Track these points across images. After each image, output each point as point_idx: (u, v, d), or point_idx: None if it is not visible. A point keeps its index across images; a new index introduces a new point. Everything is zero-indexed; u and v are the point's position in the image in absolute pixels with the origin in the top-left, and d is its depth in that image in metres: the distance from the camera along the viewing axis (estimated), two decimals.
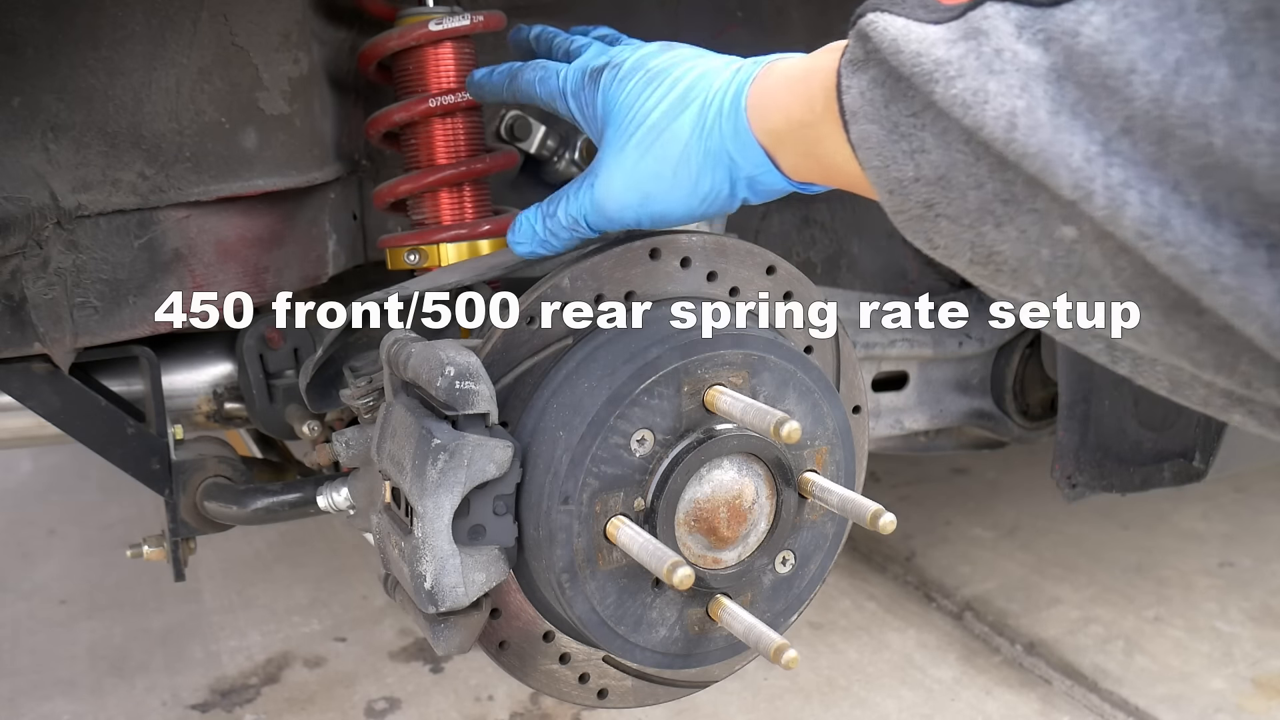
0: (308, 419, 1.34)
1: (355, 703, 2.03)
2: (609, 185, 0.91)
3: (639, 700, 1.13)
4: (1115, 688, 2.02)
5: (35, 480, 3.24)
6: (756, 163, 0.83)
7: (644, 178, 0.89)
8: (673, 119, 0.87)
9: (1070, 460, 1.61)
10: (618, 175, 0.90)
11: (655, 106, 0.88)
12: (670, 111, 0.87)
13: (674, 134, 0.86)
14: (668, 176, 0.87)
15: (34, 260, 1.12)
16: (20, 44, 1.05)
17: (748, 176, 0.85)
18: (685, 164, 0.86)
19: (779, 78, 0.81)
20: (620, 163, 0.90)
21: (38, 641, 2.30)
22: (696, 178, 0.86)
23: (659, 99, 0.88)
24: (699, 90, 0.86)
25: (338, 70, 1.37)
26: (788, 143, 0.81)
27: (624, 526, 0.92)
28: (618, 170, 0.90)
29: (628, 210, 0.91)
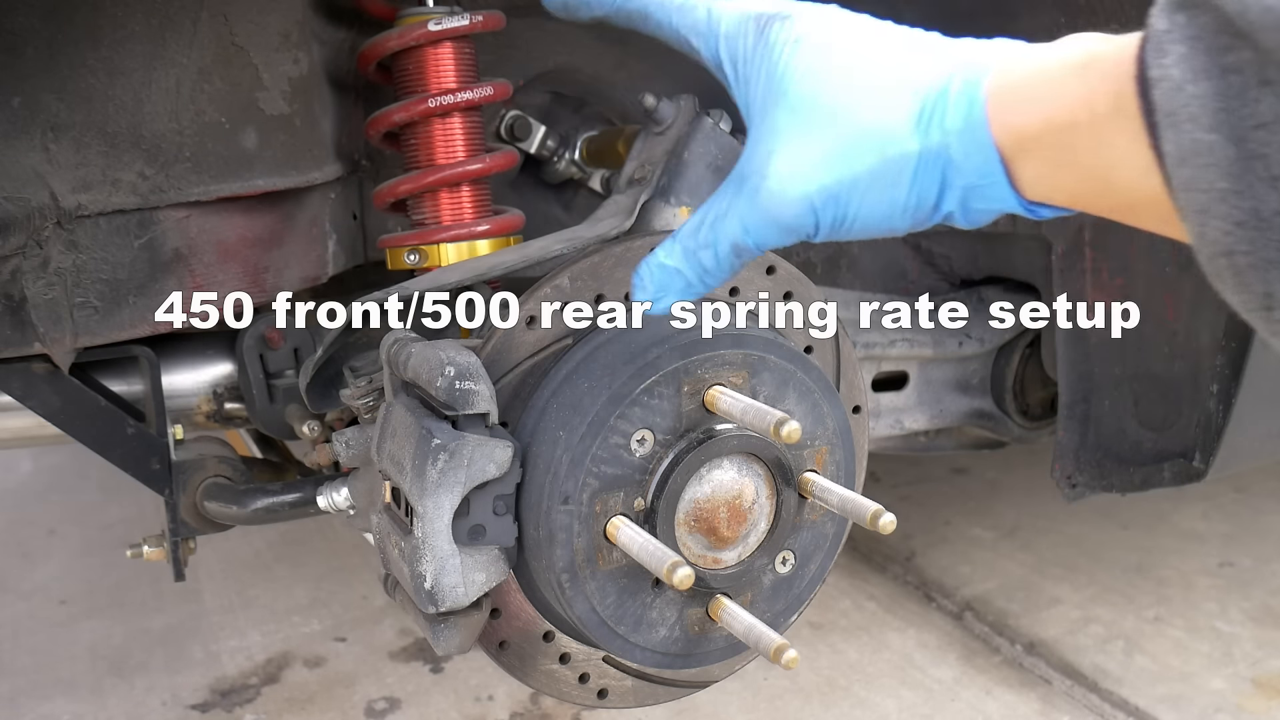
0: (308, 419, 1.34)
1: (355, 703, 2.03)
2: (786, 187, 0.71)
3: (639, 700, 1.13)
4: (1115, 688, 2.02)
5: (35, 480, 3.24)
6: (983, 171, 0.67)
7: (835, 178, 0.70)
8: (882, 109, 0.69)
9: (1070, 460, 1.61)
10: (800, 174, 0.71)
11: (856, 91, 0.70)
12: (877, 98, 0.69)
13: (881, 127, 0.69)
14: (864, 179, 0.70)
15: (34, 260, 1.12)
16: (20, 44, 1.05)
17: (965, 187, 0.68)
18: (890, 165, 0.69)
19: (1032, 67, 0.66)
20: (803, 157, 0.71)
21: (38, 641, 2.30)
22: (903, 183, 0.69)
23: (861, 82, 0.70)
24: (914, 72, 0.69)
25: (338, 70, 1.37)
26: (1038, 149, 0.64)
27: (624, 526, 0.92)
28: (800, 166, 0.71)
29: (807, 218, 0.72)
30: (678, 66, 1.61)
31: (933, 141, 0.68)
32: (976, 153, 0.67)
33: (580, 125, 1.63)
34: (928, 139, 0.68)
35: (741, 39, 0.75)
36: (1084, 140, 0.62)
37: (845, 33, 0.73)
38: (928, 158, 0.68)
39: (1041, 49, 0.68)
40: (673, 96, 1.39)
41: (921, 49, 0.72)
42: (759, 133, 0.74)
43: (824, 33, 0.73)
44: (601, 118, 1.64)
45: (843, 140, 0.70)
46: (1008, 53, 0.69)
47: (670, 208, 1.20)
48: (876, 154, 0.69)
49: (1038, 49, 0.68)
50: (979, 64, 0.68)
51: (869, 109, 0.70)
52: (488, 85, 1.30)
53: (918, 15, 1.55)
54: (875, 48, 0.72)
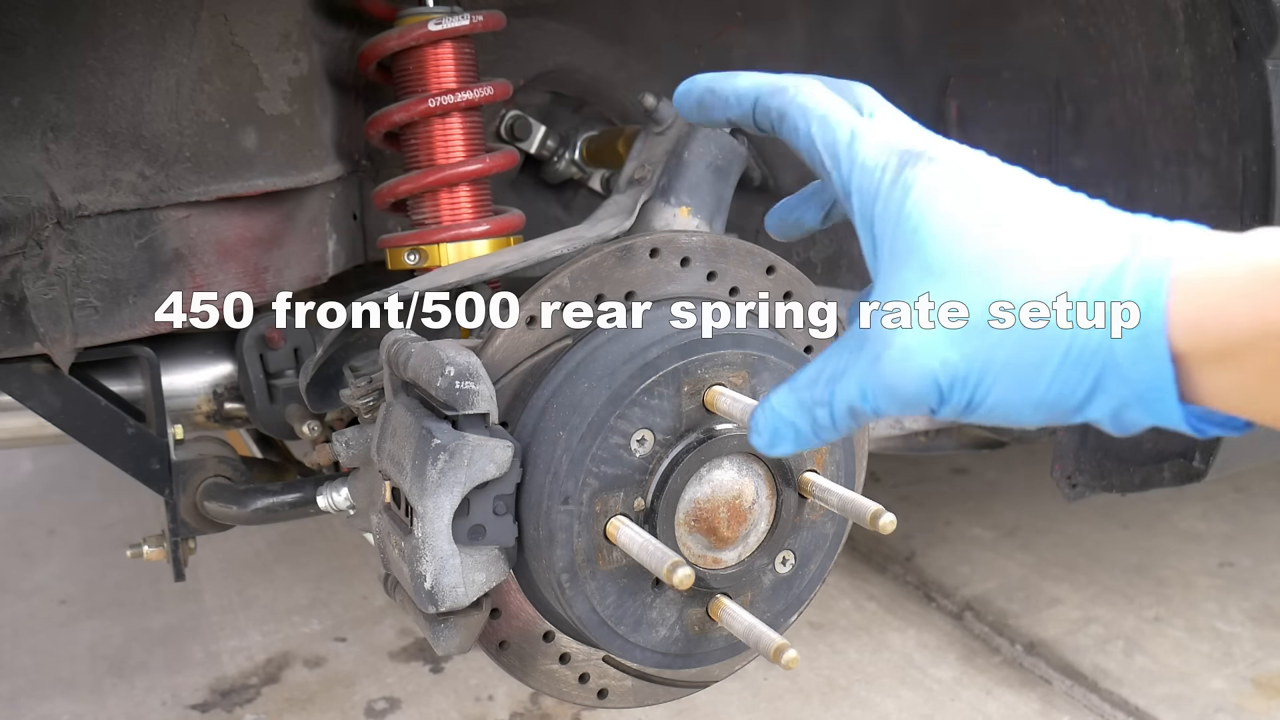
0: (308, 419, 1.34)
1: (355, 703, 2.03)
2: (910, 360, 0.62)
3: (639, 700, 1.13)
4: (1115, 688, 2.02)
5: (35, 480, 3.24)
6: (1152, 382, 0.56)
7: (967, 357, 0.61)
8: (1031, 282, 0.59)
9: (1070, 460, 1.61)
10: (927, 348, 0.62)
11: (1003, 256, 0.60)
12: (1028, 269, 0.59)
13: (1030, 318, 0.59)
14: (999, 362, 0.60)
15: (34, 260, 1.12)
16: (20, 44, 1.05)
17: (1125, 396, 0.58)
18: (1031, 348, 0.59)
19: (1238, 259, 0.55)
20: (935, 336, 0.61)
21: (38, 641, 2.30)
22: (1044, 375, 0.59)
23: (1010, 245, 0.60)
24: (1078, 244, 0.59)
25: (338, 70, 1.37)
26: (1249, 356, 0.54)
27: (624, 526, 0.92)
28: (929, 339, 0.62)
29: (931, 395, 0.63)
30: (678, 66, 1.61)
31: (1090, 344, 0.57)
32: (1148, 363, 0.56)
33: (580, 125, 1.63)
34: (1083, 340, 0.58)
35: (878, 173, 0.65)
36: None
37: (997, 187, 0.63)
38: (1083, 351, 0.58)
39: (1239, 238, 0.56)
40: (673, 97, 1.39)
41: (1088, 217, 0.61)
42: (886, 289, 0.64)
43: (972, 183, 0.63)
44: (601, 118, 1.64)
45: (980, 313, 0.60)
46: (1196, 238, 0.57)
47: (670, 208, 1.20)
48: (1015, 349, 0.59)
49: (1233, 238, 0.57)
50: (1161, 247, 0.57)
51: (1016, 279, 0.59)
52: (488, 85, 1.30)
53: (918, 16, 1.55)
54: (1030, 207, 0.62)
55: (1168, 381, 0.56)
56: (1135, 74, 1.34)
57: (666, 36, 1.59)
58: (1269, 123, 1.21)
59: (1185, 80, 1.29)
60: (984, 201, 0.62)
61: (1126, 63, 1.34)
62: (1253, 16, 1.20)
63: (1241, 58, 1.22)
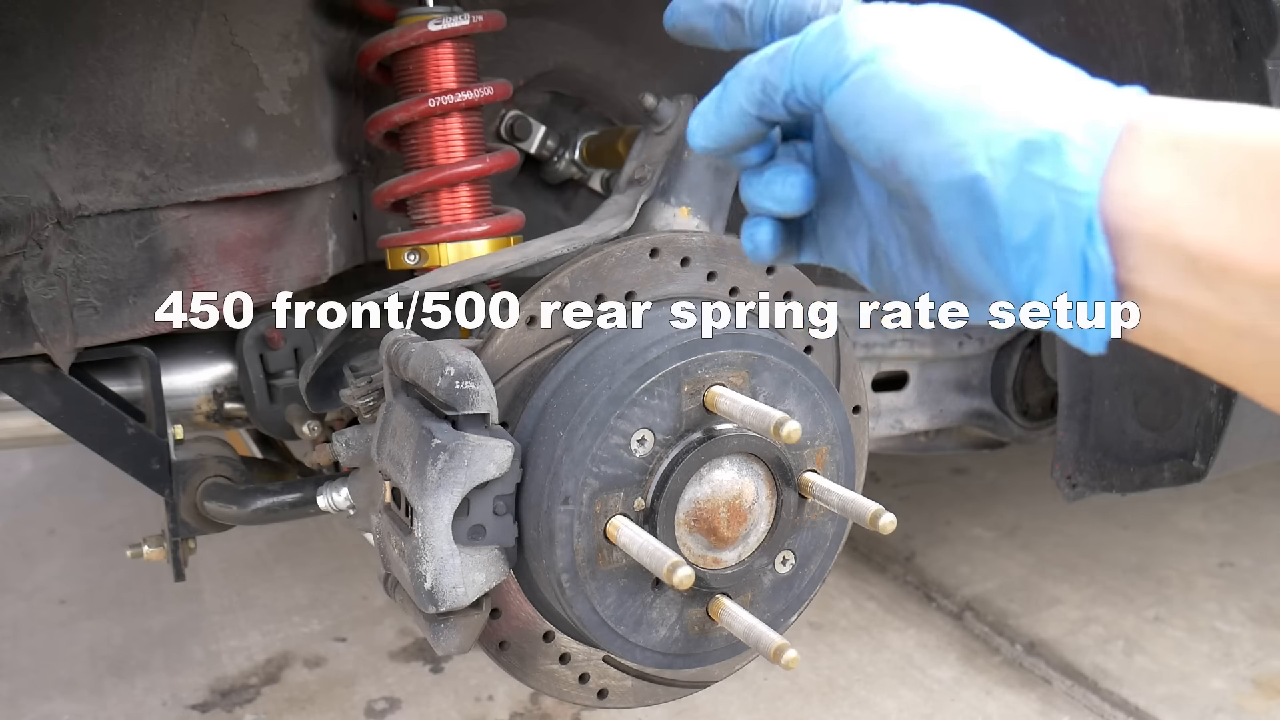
0: (308, 419, 1.34)
1: (355, 703, 2.03)
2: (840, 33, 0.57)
3: (639, 700, 1.13)
4: (1115, 688, 2.02)
5: (35, 480, 3.24)
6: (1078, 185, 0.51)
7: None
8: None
9: (1070, 460, 1.61)
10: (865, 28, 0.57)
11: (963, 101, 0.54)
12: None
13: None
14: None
15: (34, 260, 1.12)
16: (20, 44, 1.05)
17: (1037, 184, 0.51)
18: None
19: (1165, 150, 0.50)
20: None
21: (38, 641, 2.30)
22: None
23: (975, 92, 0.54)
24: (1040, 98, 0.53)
25: (338, 70, 1.37)
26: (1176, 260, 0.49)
27: (624, 527, 0.92)
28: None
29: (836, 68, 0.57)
30: (678, 66, 1.61)
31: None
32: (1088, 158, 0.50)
33: (580, 125, 1.63)
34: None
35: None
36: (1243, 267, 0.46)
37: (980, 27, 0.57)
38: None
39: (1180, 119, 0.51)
40: (673, 96, 1.39)
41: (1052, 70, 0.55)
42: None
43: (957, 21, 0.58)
44: (601, 118, 1.64)
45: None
46: (1134, 116, 0.52)
47: (670, 208, 1.20)
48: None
49: (1171, 115, 0.51)
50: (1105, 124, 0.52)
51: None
52: (488, 85, 1.30)
53: None
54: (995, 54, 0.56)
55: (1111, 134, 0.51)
56: (1135, 74, 1.34)
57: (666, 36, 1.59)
58: None
59: (1185, 80, 1.29)
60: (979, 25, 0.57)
61: (1126, 63, 1.34)
62: (1253, 16, 1.20)
63: (1241, 58, 1.22)
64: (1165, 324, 0.51)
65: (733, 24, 0.68)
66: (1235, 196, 0.47)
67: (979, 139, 0.52)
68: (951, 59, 0.54)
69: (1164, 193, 0.49)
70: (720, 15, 0.68)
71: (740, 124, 0.62)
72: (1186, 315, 0.50)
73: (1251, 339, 0.48)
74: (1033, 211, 0.51)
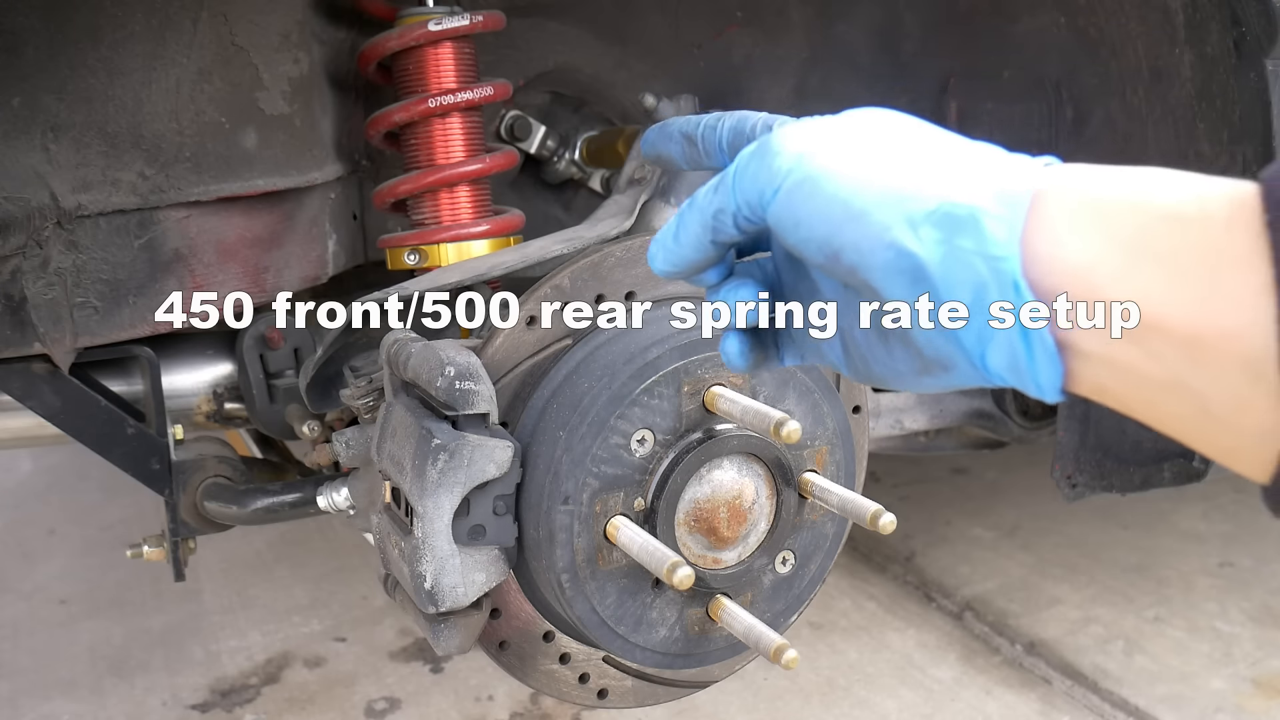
0: (308, 419, 1.34)
1: (355, 703, 2.03)
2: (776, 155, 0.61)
3: (639, 700, 1.13)
4: (1115, 688, 2.02)
5: (35, 480, 3.24)
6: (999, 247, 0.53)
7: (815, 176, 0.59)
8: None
9: (1070, 460, 1.61)
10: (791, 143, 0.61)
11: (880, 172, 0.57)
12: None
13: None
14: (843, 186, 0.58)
15: (34, 260, 1.12)
16: (20, 44, 1.05)
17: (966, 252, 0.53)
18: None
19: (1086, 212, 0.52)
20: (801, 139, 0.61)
21: (38, 641, 2.30)
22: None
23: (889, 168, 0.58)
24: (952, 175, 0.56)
25: (338, 70, 1.37)
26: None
27: (624, 527, 0.92)
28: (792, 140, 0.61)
29: (768, 183, 0.60)
30: (678, 66, 1.61)
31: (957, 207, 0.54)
32: (1005, 228, 0.53)
33: (580, 125, 1.63)
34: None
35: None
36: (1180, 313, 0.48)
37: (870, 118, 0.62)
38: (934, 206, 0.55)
39: (1099, 185, 0.53)
40: (673, 96, 1.39)
41: (958, 148, 0.58)
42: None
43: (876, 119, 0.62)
44: (601, 118, 1.64)
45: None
46: (1045, 187, 0.54)
47: (670, 208, 1.20)
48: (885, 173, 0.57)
49: (1090, 185, 0.53)
50: (1031, 176, 0.55)
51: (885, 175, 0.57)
52: (488, 85, 1.30)
53: (918, 17, 1.55)
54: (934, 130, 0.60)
55: (1021, 201, 0.53)
56: (1135, 74, 1.34)
57: (666, 36, 1.59)
58: (1269, 123, 1.21)
59: (1185, 80, 1.29)
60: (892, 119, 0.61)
61: (1126, 63, 1.34)
62: (1253, 16, 1.20)
63: (1241, 58, 1.22)
64: (1101, 378, 0.53)
65: (690, 149, 0.76)
66: (1150, 257, 0.50)
67: (904, 220, 0.55)
68: (871, 153, 0.58)
69: (1083, 254, 0.51)
70: (680, 142, 0.77)
71: (697, 249, 0.66)
72: (1117, 370, 0.52)
73: (1176, 392, 0.50)
74: (966, 279, 0.54)
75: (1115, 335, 0.51)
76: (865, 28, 1.57)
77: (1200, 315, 0.48)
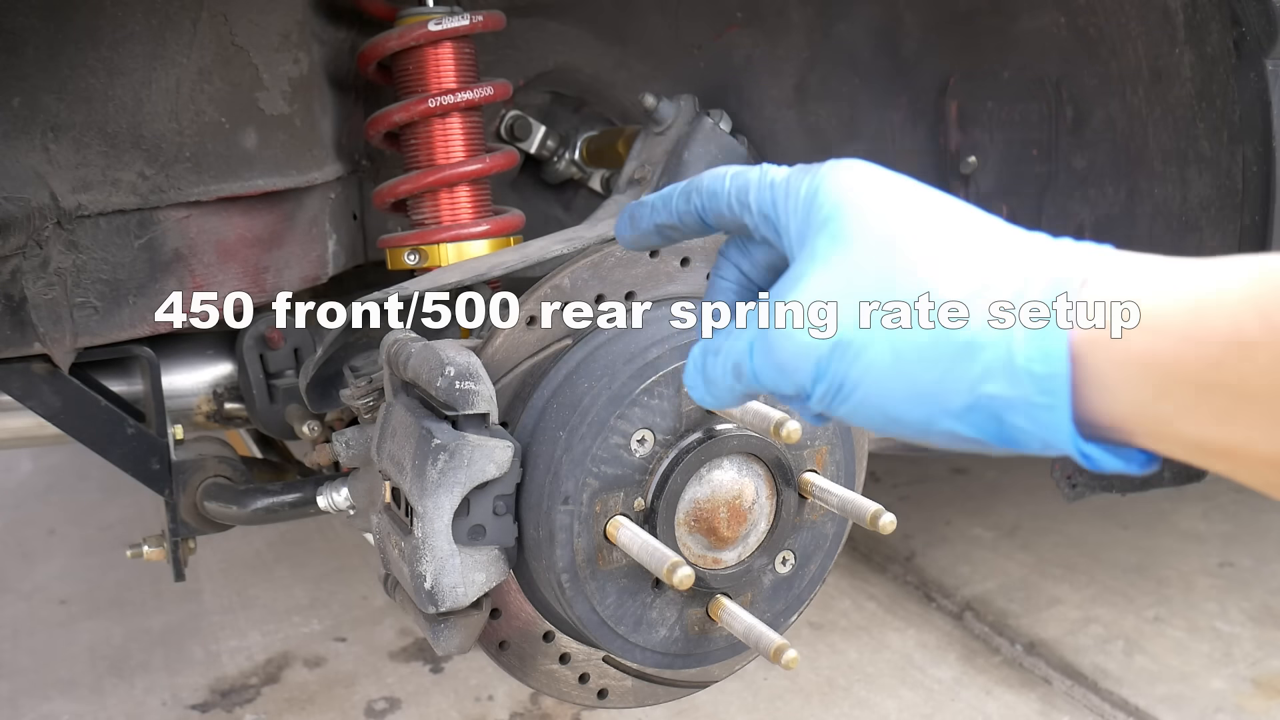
0: (308, 419, 1.34)
1: (355, 703, 2.03)
2: (796, 331, 0.61)
3: (639, 700, 1.13)
4: (1115, 688, 2.02)
5: (35, 480, 3.24)
6: (1044, 383, 0.52)
7: (851, 335, 0.60)
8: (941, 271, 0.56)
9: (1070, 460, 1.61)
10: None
11: (913, 232, 0.58)
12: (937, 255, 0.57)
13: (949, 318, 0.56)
14: (881, 344, 0.58)
15: (34, 260, 1.12)
16: (20, 44, 1.05)
17: (1012, 397, 0.53)
18: (921, 339, 0.56)
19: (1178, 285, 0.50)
20: (832, 286, 0.60)
21: (38, 641, 2.30)
22: (928, 363, 0.56)
23: (917, 229, 0.58)
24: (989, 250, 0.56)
25: (338, 70, 1.37)
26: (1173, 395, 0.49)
27: (624, 527, 0.92)
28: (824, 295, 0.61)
29: (806, 366, 0.61)
30: (678, 67, 1.61)
31: (988, 329, 0.53)
32: (1041, 354, 0.51)
33: (580, 125, 1.63)
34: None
35: (785, 179, 0.65)
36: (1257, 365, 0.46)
37: (899, 180, 0.62)
38: (974, 340, 0.54)
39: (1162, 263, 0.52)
40: (673, 96, 1.39)
41: (991, 227, 0.58)
42: (796, 259, 0.63)
43: (875, 173, 0.62)
44: (601, 118, 1.64)
45: (874, 292, 0.58)
46: (1108, 256, 0.53)
47: None
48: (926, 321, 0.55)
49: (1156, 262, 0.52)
50: (1074, 262, 0.54)
51: (925, 261, 0.56)
52: (488, 85, 1.30)
53: (918, 17, 1.55)
54: (940, 204, 0.60)
55: (1062, 381, 0.51)
56: (1135, 74, 1.34)
57: (666, 37, 1.59)
58: (1269, 123, 1.21)
59: (1185, 80, 1.29)
60: (893, 185, 0.61)
61: (1126, 63, 1.34)
62: (1253, 16, 1.20)
63: (1241, 58, 1.22)
64: (1197, 465, 0.53)
65: (670, 233, 0.74)
66: (1219, 391, 0.47)
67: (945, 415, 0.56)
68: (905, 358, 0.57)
69: (1146, 403, 0.50)
70: (660, 233, 0.74)
71: (732, 400, 0.68)
72: (1214, 468, 0.51)
73: (1267, 479, 0.49)
74: (1031, 442, 0.54)
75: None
76: (865, 28, 1.57)
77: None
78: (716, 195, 0.69)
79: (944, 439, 0.57)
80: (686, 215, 0.71)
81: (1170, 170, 1.34)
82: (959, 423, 0.55)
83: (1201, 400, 0.48)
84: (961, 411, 0.54)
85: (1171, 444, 0.51)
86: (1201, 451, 0.50)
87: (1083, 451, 0.52)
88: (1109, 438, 0.53)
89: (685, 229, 0.73)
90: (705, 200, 0.70)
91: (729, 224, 0.69)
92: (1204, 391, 0.48)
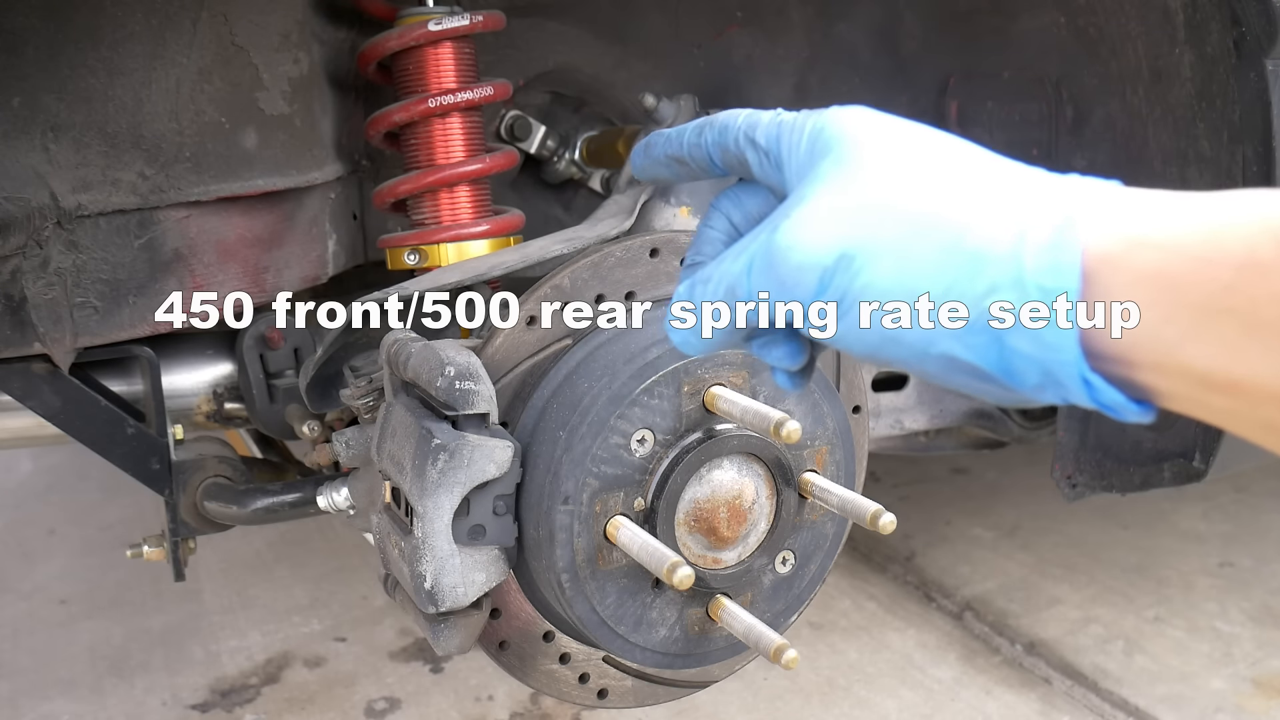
0: (308, 419, 1.34)
1: (355, 703, 2.03)
2: (801, 229, 0.59)
3: (639, 700, 1.13)
4: (1115, 688, 2.02)
5: (35, 480, 3.24)
6: (1052, 290, 0.51)
7: (857, 231, 0.58)
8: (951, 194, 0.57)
9: (1070, 460, 1.61)
10: (823, 222, 0.59)
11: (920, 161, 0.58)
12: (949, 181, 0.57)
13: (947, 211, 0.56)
14: (889, 240, 0.57)
15: (34, 260, 1.12)
16: (20, 44, 1.05)
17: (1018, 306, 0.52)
18: (930, 239, 0.56)
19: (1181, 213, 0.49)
20: (838, 202, 0.59)
21: (38, 641, 2.30)
22: (935, 261, 0.55)
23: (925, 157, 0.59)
24: (998, 178, 0.57)
25: (338, 70, 1.37)
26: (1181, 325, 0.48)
27: (624, 526, 0.92)
28: (828, 216, 0.59)
29: (812, 269, 0.59)
30: (678, 66, 1.61)
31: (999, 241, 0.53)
32: (1051, 266, 0.50)
33: (580, 125, 1.63)
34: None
35: (796, 115, 0.65)
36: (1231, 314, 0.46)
37: (903, 120, 0.62)
38: (982, 246, 0.53)
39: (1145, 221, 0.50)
40: (673, 96, 1.39)
41: (1007, 161, 0.58)
42: (799, 184, 0.62)
43: (878, 113, 0.62)
44: (601, 117, 1.64)
45: (877, 194, 0.57)
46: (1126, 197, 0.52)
47: (670, 208, 1.20)
48: (914, 218, 0.55)
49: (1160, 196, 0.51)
50: (1087, 195, 0.53)
51: (936, 189, 0.56)
52: (488, 85, 1.30)
53: (918, 16, 1.55)
54: (945, 137, 0.60)
55: (1073, 296, 0.50)
56: (1135, 74, 1.34)
57: (667, 36, 1.59)
58: (1269, 123, 1.21)
59: (1185, 80, 1.29)
60: (897, 124, 0.61)
61: (1126, 63, 1.34)
62: (1253, 16, 1.20)
63: (1241, 58, 1.22)
64: (1193, 412, 0.51)
65: (680, 168, 0.75)
66: (1229, 316, 0.46)
67: (946, 336, 0.54)
68: (892, 239, 0.56)
69: (1154, 326, 0.49)
70: (668, 165, 0.76)
71: (729, 340, 0.67)
72: (1212, 412, 0.50)
73: (1273, 432, 0.48)
74: (1030, 371, 0.53)
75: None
76: (865, 27, 1.57)
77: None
78: (727, 129, 0.70)
79: (939, 365, 0.55)
80: (696, 149, 0.72)
81: (1170, 170, 1.34)
82: (958, 343, 0.54)
83: (1210, 325, 0.47)
84: (963, 331, 0.53)
85: (1174, 377, 0.49)
86: (1203, 386, 0.48)
87: (1085, 379, 0.51)
88: (1110, 371, 0.51)
89: (693, 164, 0.73)
90: (716, 134, 0.71)
91: (734, 160, 0.70)
92: (1213, 316, 0.47)
